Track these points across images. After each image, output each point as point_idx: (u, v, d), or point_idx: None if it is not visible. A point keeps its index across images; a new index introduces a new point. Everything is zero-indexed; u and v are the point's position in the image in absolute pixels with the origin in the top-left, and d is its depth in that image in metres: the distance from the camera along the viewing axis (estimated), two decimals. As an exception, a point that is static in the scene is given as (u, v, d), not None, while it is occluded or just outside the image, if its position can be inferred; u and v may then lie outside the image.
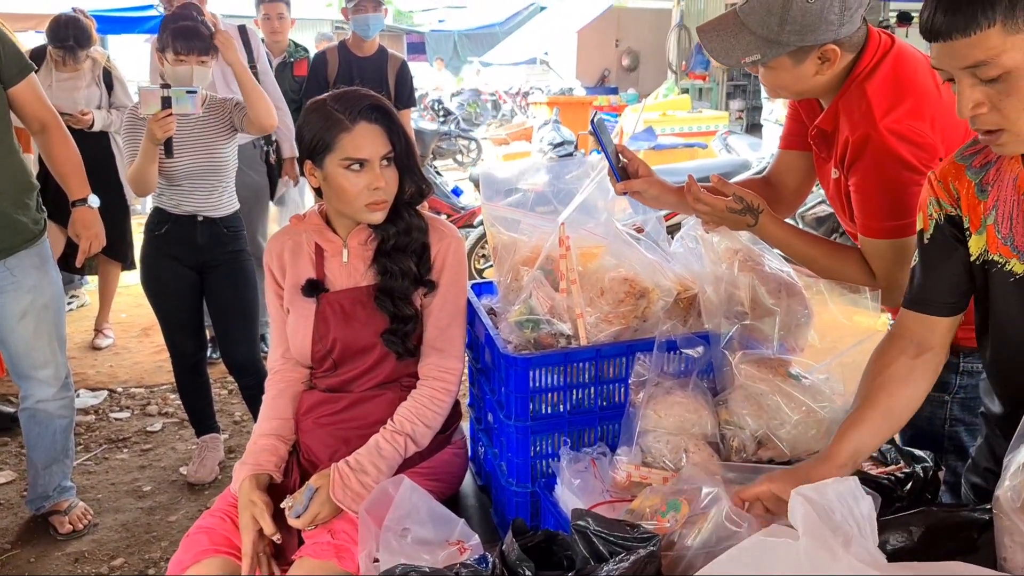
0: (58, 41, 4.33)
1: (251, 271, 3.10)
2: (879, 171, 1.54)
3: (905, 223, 1.55)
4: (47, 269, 2.70)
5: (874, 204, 1.58)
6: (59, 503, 2.91)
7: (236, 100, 2.99)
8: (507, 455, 1.71)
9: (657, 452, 1.51)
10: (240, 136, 3.02)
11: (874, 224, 1.59)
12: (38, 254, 2.66)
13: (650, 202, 1.85)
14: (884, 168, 1.53)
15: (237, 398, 4.00)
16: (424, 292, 1.83)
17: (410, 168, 1.80)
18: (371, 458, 1.72)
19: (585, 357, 1.65)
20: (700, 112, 9.84)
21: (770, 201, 1.75)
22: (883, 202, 1.56)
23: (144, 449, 3.58)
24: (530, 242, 1.84)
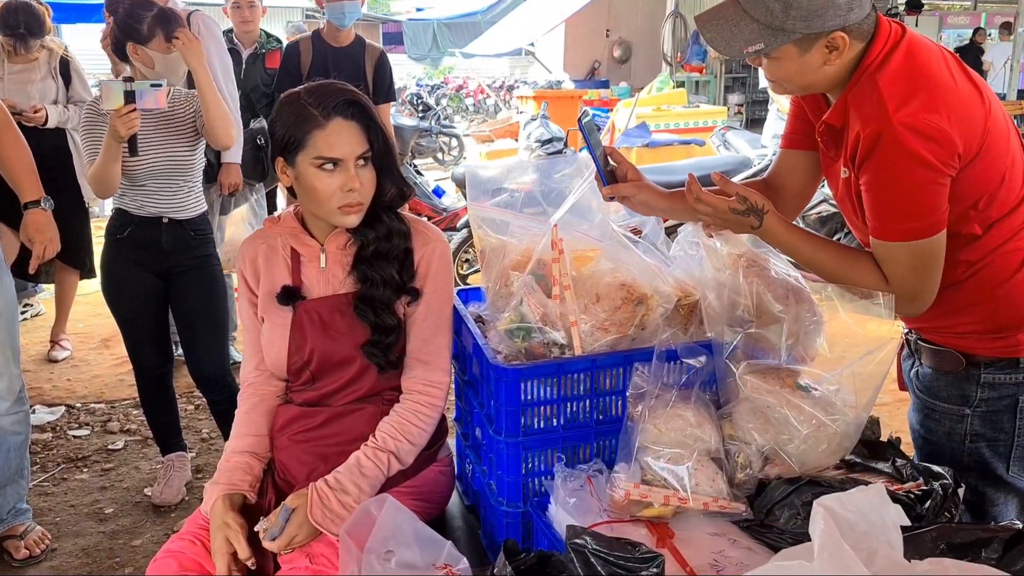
0: (8, 29, 4.30)
1: (220, 277, 3.08)
2: (893, 169, 1.53)
3: (921, 224, 1.55)
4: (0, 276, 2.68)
5: (887, 205, 1.57)
6: (14, 527, 2.89)
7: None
8: (497, 473, 1.70)
9: (658, 469, 1.51)
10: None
11: (887, 226, 1.58)
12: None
13: (639, 208, 1.85)
14: (898, 166, 1.53)
15: (205, 414, 3.98)
16: (407, 300, 1.83)
17: (389, 168, 1.80)
18: (352, 477, 1.71)
19: (580, 368, 1.64)
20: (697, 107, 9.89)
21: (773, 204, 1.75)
22: (897, 202, 1.56)
23: (105, 469, 3.56)
24: (520, 245, 1.84)
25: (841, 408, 1.56)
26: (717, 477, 1.51)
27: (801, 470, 1.55)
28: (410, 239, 1.84)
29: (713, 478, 1.51)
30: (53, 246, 2.76)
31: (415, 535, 1.52)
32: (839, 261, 1.66)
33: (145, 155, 2.85)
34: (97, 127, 2.87)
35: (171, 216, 2.96)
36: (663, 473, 1.51)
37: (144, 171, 2.87)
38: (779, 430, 1.56)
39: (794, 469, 1.55)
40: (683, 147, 7.51)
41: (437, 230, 1.92)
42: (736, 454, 1.57)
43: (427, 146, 11.92)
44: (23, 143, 2.72)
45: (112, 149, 2.73)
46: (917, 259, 1.58)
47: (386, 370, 1.82)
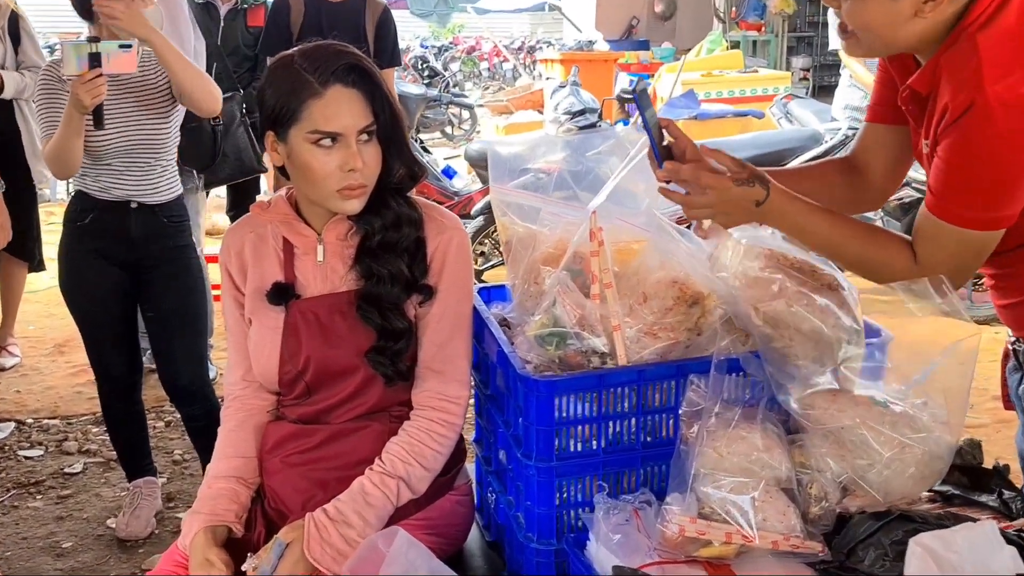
0: None
1: (198, 271, 3.11)
2: (975, 145, 1.52)
3: (986, 216, 1.56)
4: None
5: (956, 183, 1.56)
6: (-43, 563, 2.91)
7: None
8: (525, 504, 1.70)
9: (718, 501, 1.50)
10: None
11: (949, 205, 1.58)
12: None
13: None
14: (982, 144, 1.51)
15: (178, 432, 4.01)
16: (419, 300, 1.83)
17: (398, 144, 1.80)
18: (355, 506, 1.72)
19: (624, 380, 1.64)
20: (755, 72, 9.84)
21: (855, 189, 1.74)
22: (969, 184, 1.55)
23: (62, 496, 3.59)
24: (553, 235, 1.84)
25: (928, 424, 1.55)
26: (788, 511, 1.50)
27: (887, 501, 1.54)
28: (422, 227, 1.85)
29: (784, 512, 1.50)
30: (4, 234, 2.79)
31: (431, 574, 1.52)
32: (862, 240, 1.65)
33: (111, 128, 2.87)
34: (55, 96, 2.89)
35: (141, 200, 2.98)
36: (724, 506, 1.50)
37: (110, 147, 2.89)
38: (857, 455, 1.54)
39: (879, 501, 1.54)
40: (738, 120, 7.48)
41: (454, 217, 1.92)
42: (808, 484, 1.56)
43: (434, 118, 11.96)
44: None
45: (74, 121, 2.75)
46: (964, 250, 1.59)
47: (395, 381, 1.82)
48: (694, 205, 1.65)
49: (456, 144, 11.91)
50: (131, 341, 3.16)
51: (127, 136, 2.90)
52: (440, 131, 12.42)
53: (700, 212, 1.67)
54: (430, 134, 12.15)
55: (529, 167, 2.02)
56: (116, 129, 2.89)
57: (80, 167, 2.89)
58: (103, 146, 2.89)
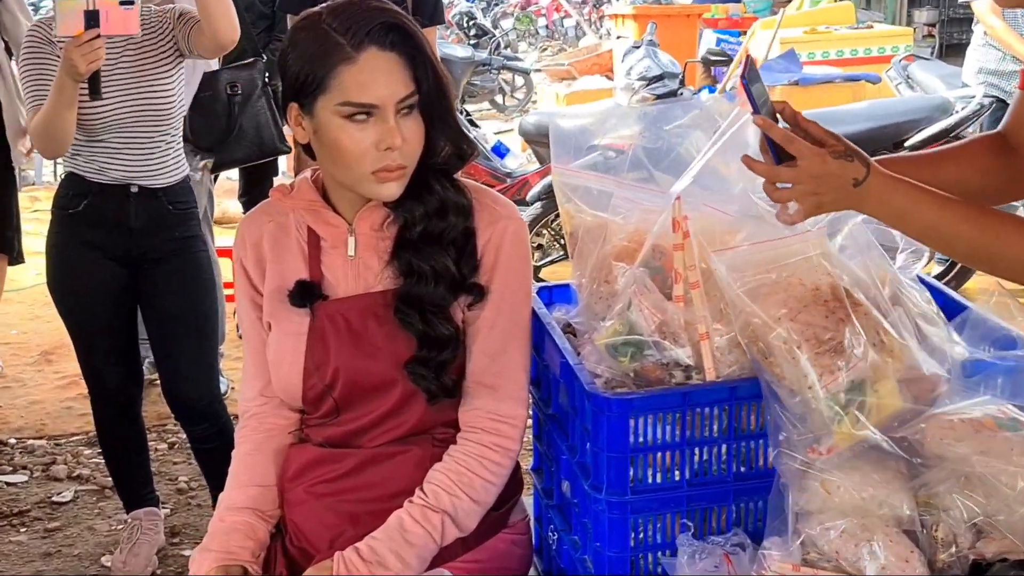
0: None
1: (207, 267, 3.14)
2: None
3: None
4: None
5: None
6: (-71, 606, 2.98)
7: (179, 9, 3.03)
8: (594, 545, 1.70)
9: (827, 545, 1.50)
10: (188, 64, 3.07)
11: None
12: None
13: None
14: None
15: (183, 455, 4.05)
16: (468, 301, 1.84)
17: (443, 117, 1.81)
18: (392, 545, 1.73)
19: (713, 399, 1.64)
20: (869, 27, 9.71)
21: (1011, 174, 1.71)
22: None
23: (49, 529, 3.63)
24: (627, 225, 1.85)
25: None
26: (912, 557, 1.50)
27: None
28: (471, 216, 1.85)
29: (907, 559, 1.49)
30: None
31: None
32: (984, 228, 1.61)
33: (109, 98, 2.90)
34: (44, 61, 2.93)
35: (142, 183, 3.02)
36: (834, 551, 1.50)
37: (107, 120, 2.93)
38: (987, 491, 1.53)
39: (1019, 546, 1.52)
40: (849, 85, 7.37)
41: (509, 203, 1.93)
42: (934, 527, 1.55)
43: (483, 86, 11.98)
44: None
45: (66, 90, 2.78)
46: None
47: (439, 398, 1.83)
48: (780, 178, 1.61)
49: (508, 116, 11.92)
50: (129, 348, 3.19)
51: (127, 107, 2.94)
52: (489, 101, 12.45)
53: (786, 192, 1.62)
54: (478, 104, 12.18)
55: (597, 144, 2.02)
56: (114, 99, 2.92)
57: (71, 144, 2.93)
58: (99, 119, 2.92)
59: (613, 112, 2.13)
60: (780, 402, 1.58)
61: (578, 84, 10.33)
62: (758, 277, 1.63)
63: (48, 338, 5.27)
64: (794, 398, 1.57)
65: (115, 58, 2.91)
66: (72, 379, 4.65)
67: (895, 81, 6.63)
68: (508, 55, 12.80)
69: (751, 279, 1.63)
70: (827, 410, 1.54)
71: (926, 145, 5.17)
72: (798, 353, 1.56)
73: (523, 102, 12.35)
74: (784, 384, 1.58)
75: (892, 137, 5.27)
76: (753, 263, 1.65)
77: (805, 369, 1.56)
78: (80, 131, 2.92)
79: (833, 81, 7.46)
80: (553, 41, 18.34)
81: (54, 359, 5.09)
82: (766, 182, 1.62)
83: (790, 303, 1.60)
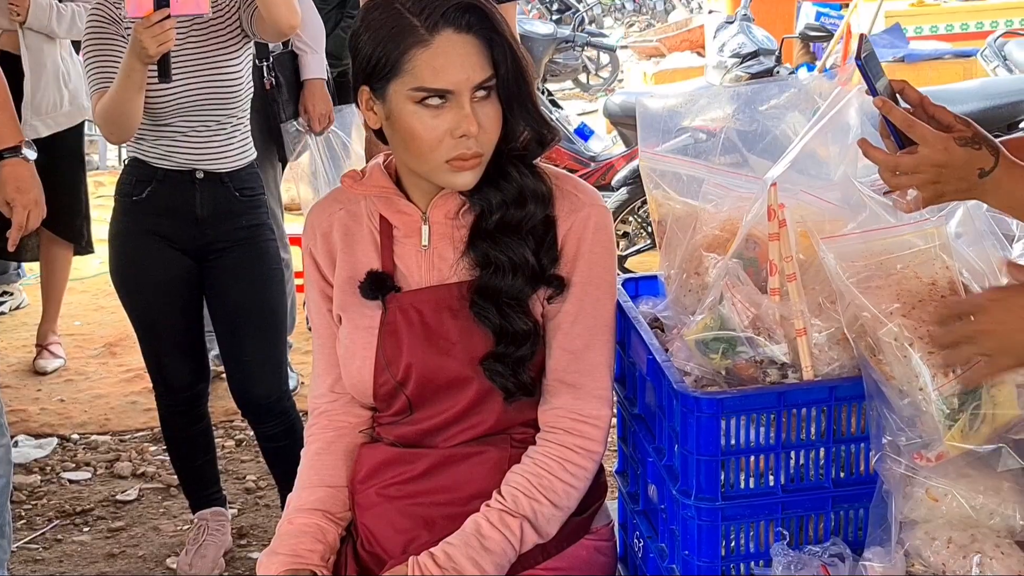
0: None
1: (276, 257, 3.18)
2: None
3: None
4: None
5: None
6: (-11, 607, 3.05)
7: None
8: (683, 554, 1.70)
9: (932, 557, 1.49)
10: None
11: None
12: None
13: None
14: None
15: (251, 453, 4.10)
16: (548, 294, 1.84)
17: (522, 102, 1.81)
18: (469, 551, 1.74)
19: (811, 399, 1.63)
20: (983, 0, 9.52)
21: None
22: None
23: (113, 529, 3.70)
24: (719, 213, 1.84)
25: None
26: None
27: None
28: (552, 204, 1.85)
29: (1020, 572, 1.48)
30: (39, 210, 2.89)
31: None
32: None
33: (176, 81, 2.93)
34: (108, 41, 2.97)
35: (208, 168, 3.05)
36: (940, 563, 1.49)
37: (173, 104, 2.97)
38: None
39: None
40: (959, 62, 7.26)
41: (592, 190, 1.92)
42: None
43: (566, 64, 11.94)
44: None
45: (135, 74, 2.82)
46: None
47: (516, 396, 1.83)
48: (899, 167, 1.59)
49: (593, 96, 11.89)
50: (195, 343, 3.24)
51: (194, 90, 2.97)
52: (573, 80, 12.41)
53: (905, 179, 1.61)
54: (560, 84, 12.16)
55: (686, 126, 2.02)
56: (181, 82, 2.95)
57: (137, 129, 2.98)
58: (166, 103, 2.96)
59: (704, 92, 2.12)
60: (887, 403, 1.57)
61: (667, 62, 10.29)
62: (869, 268, 1.62)
63: (112, 329, 5.36)
64: (903, 399, 1.55)
65: (182, 39, 2.95)
66: (137, 372, 4.72)
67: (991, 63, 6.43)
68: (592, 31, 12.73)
69: (862, 269, 1.61)
70: (938, 414, 1.52)
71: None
72: (910, 351, 1.55)
73: (608, 81, 12.31)
74: (893, 384, 1.57)
75: (1007, 118, 5.19)
76: (865, 252, 1.63)
77: (917, 369, 1.54)
78: (146, 115, 2.95)
79: (942, 57, 7.35)
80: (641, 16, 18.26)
81: (118, 351, 5.17)
82: (883, 167, 1.60)
83: (904, 297, 1.58)
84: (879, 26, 7.75)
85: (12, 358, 5.16)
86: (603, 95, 10.76)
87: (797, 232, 1.70)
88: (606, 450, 1.88)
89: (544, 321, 1.85)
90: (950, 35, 8.45)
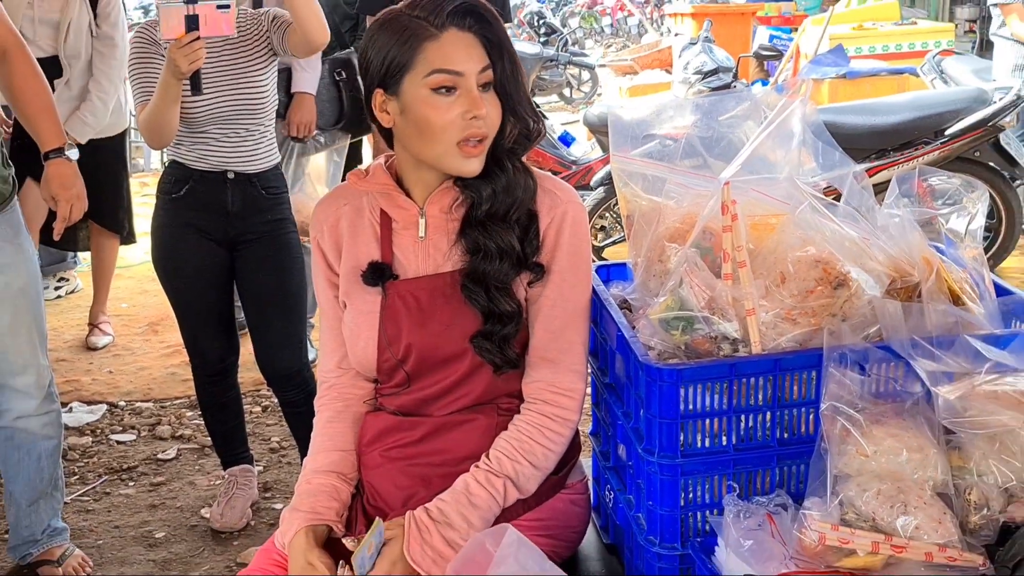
0: None
1: (297, 247, 3.18)
2: None
3: None
4: (20, 242, 2.82)
5: None
6: (50, 550, 3.06)
7: (273, 12, 3.07)
8: (647, 504, 1.71)
9: (863, 506, 1.48)
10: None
11: None
12: (8, 222, 2.78)
13: None
14: None
15: (274, 417, 4.12)
16: (529, 279, 1.84)
17: (516, 98, 1.79)
18: (459, 507, 1.74)
19: (759, 370, 1.63)
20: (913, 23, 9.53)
21: None
22: None
23: (155, 483, 3.73)
24: (679, 209, 1.83)
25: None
26: (945, 519, 1.47)
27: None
28: (535, 197, 1.85)
29: (939, 520, 1.47)
30: (80, 204, 2.89)
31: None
32: None
33: (209, 93, 2.95)
34: (149, 60, 2.98)
35: (238, 170, 3.06)
36: (870, 512, 1.48)
37: (208, 113, 2.97)
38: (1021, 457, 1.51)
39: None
40: (894, 78, 7.26)
41: (569, 188, 1.91)
42: (967, 490, 1.53)
43: (551, 80, 11.93)
44: (40, 75, 2.83)
45: (171, 88, 2.83)
46: None
47: (503, 370, 1.83)
48: None
49: (575, 108, 11.88)
50: (228, 322, 3.25)
51: (225, 101, 2.98)
52: (558, 94, 12.40)
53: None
54: (546, 97, 12.14)
55: (654, 133, 2.01)
56: (214, 94, 2.96)
57: (175, 136, 2.98)
58: (200, 113, 2.97)
59: (670, 104, 2.12)
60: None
61: (639, 78, 10.26)
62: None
63: (154, 311, 5.41)
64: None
65: (215, 57, 2.96)
66: (176, 348, 4.78)
67: (929, 76, 6.50)
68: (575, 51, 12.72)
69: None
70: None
71: (965, 134, 5.11)
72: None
73: (589, 95, 12.30)
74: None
75: (934, 126, 5.20)
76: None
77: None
78: (183, 123, 2.97)
79: (879, 74, 7.36)
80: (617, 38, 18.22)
81: (160, 330, 5.23)
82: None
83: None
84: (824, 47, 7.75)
85: (68, 335, 5.20)
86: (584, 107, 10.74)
87: (747, 225, 1.70)
88: (581, 417, 1.87)
89: (527, 304, 1.84)
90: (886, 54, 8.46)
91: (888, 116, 5.24)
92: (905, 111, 5.25)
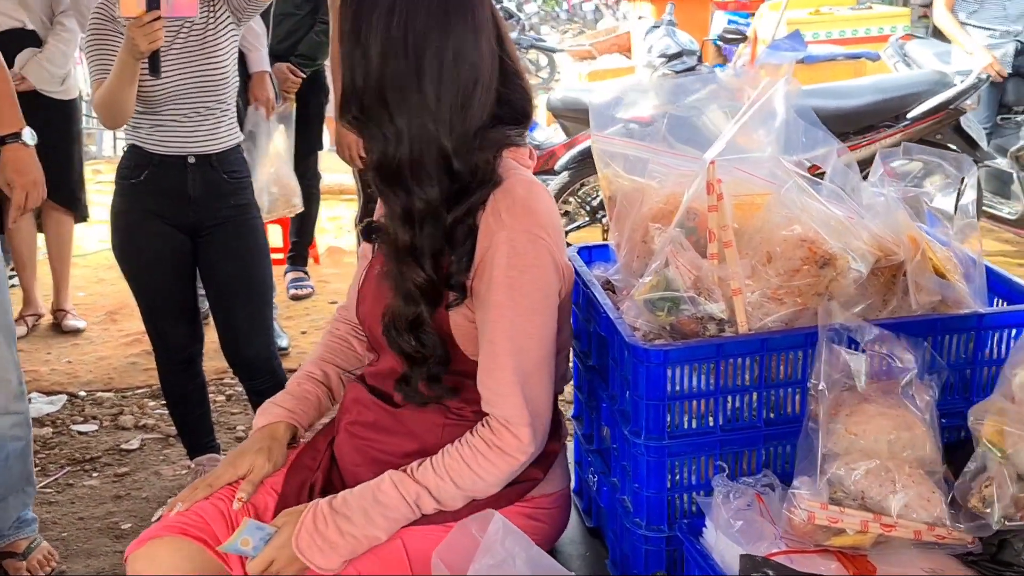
0: None
1: (261, 232, 3.14)
2: None
3: None
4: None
5: None
6: (15, 542, 2.99)
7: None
8: (633, 486, 1.71)
9: (852, 485, 1.48)
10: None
11: None
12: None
13: None
14: None
15: (239, 406, 4.08)
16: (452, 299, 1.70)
17: None
18: (363, 501, 1.69)
19: (745, 350, 1.63)
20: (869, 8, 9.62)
21: None
22: None
23: (119, 474, 3.68)
24: (663, 189, 1.83)
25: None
26: (934, 497, 1.48)
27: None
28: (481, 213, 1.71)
29: (928, 498, 1.48)
30: (37, 191, 2.82)
31: (529, 564, 1.53)
32: None
33: (168, 75, 2.88)
34: (107, 37, 2.91)
35: (199, 152, 3.00)
36: (859, 490, 1.49)
37: (165, 95, 2.90)
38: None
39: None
40: (851, 62, 7.33)
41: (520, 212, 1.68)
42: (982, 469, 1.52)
43: (511, 65, 11.94)
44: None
45: (128, 68, 2.76)
46: None
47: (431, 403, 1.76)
48: None
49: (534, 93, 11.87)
50: (191, 310, 3.20)
51: (185, 82, 2.91)
52: (517, 79, 12.39)
53: None
54: (506, 82, 12.12)
55: (620, 116, 2.01)
56: (173, 75, 2.89)
57: (132, 117, 2.93)
58: (159, 94, 2.90)
59: (632, 88, 2.11)
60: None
61: (598, 63, 10.26)
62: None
63: (112, 299, 5.33)
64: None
65: (172, 37, 2.89)
66: (136, 337, 4.72)
67: (892, 59, 6.57)
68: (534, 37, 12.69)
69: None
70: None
71: (927, 117, 5.16)
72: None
73: (547, 80, 12.30)
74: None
75: (895, 109, 5.24)
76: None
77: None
78: (140, 104, 2.91)
79: (836, 59, 7.42)
80: (573, 23, 18.25)
81: (119, 318, 5.14)
82: None
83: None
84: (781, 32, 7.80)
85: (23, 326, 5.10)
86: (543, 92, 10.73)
87: (732, 204, 1.69)
88: (530, 458, 1.71)
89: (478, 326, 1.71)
90: (843, 39, 8.53)
91: (849, 100, 5.27)
92: (866, 94, 5.29)
